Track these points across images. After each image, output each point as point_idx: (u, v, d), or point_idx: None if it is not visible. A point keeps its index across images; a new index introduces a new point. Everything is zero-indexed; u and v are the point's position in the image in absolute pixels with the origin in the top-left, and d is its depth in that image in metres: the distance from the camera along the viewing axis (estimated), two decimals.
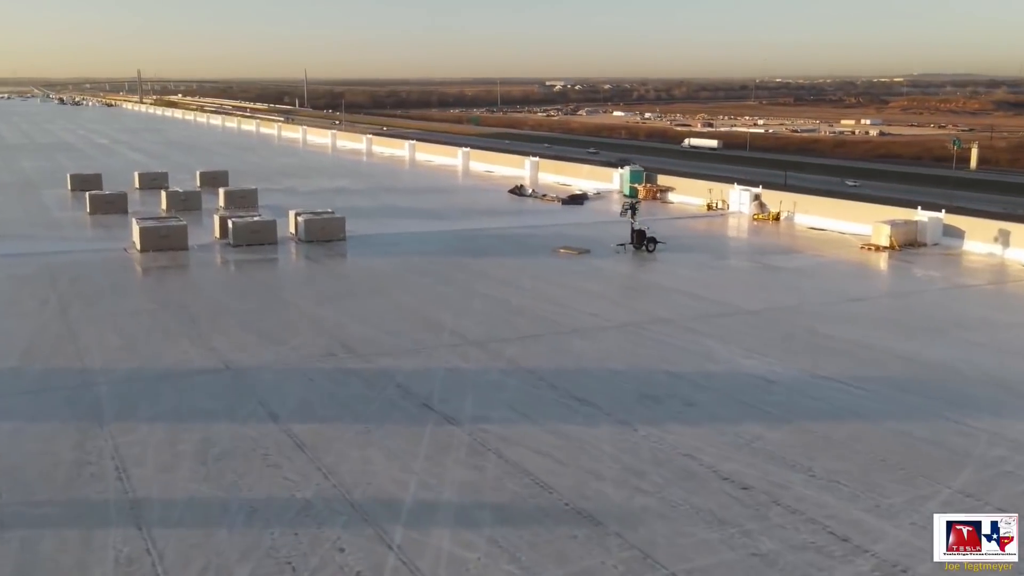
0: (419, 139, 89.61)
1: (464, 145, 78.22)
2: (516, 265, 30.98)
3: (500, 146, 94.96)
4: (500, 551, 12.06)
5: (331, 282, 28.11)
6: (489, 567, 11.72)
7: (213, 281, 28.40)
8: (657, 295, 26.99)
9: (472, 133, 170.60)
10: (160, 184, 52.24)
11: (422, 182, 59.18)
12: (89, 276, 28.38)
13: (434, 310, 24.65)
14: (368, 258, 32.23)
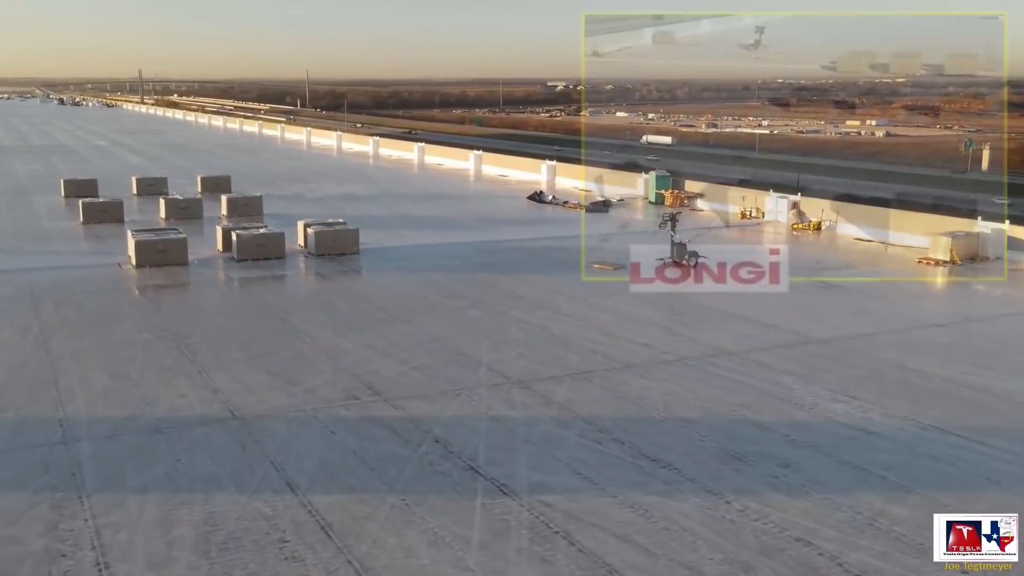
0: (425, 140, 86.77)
1: (466, 146, 75.25)
2: (549, 284, 28.08)
3: (513, 148, 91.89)
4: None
5: (347, 305, 25.19)
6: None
7: (215, 304, 25.47)
8: (711, 320, 24.07)
9: (475, 134, 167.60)
10: (159, 190, 49.41)
11: (434, 187, 56.26)
12: (77, 298, 25.47)
13: (466, 340, 21.75)
14: (385, 275, 29.32)
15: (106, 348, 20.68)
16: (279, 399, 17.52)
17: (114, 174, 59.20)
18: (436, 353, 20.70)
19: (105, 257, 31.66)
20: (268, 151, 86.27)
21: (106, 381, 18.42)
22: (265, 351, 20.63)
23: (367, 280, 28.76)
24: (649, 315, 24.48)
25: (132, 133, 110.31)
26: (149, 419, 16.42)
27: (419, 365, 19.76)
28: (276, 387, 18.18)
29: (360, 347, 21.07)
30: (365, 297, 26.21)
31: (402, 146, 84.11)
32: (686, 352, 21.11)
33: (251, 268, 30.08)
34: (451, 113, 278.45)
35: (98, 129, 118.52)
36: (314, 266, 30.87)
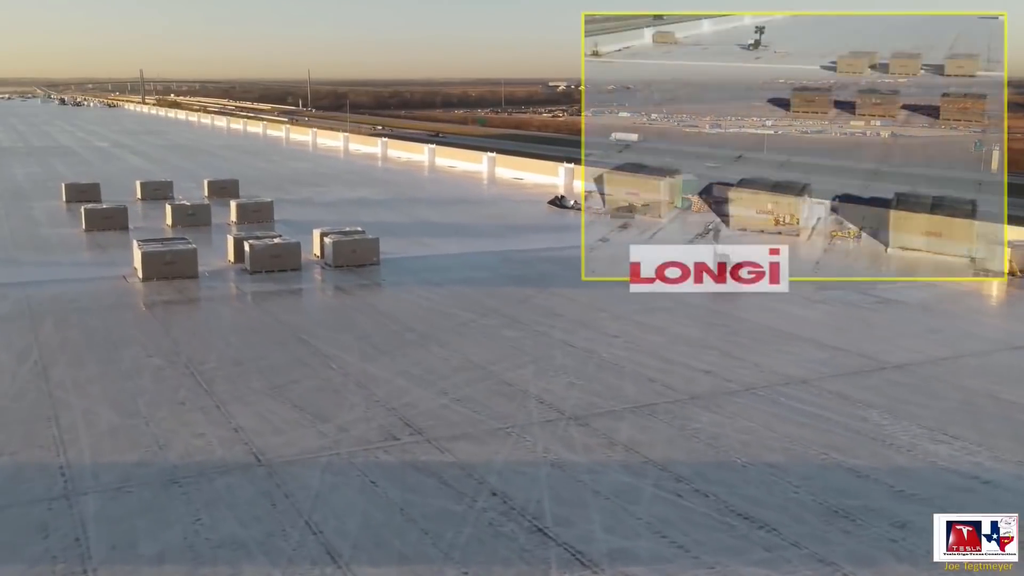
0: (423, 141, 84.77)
1: (472, 147, 73.25)
2: (587, 299, 26.04)
3: (514, 149, 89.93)
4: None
5: (373, 324, 23.15)
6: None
7: (229, 323, 23.42)
8: (772, 342, 22.05)
9: (479, 134, 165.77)
10: (164, 194, 47.46)
11: (449, 191, 54.24)
12: (79, 316, 23.45)
13: (508, 366, 19.73)
14: (410, 289, 27.28)
15: (112, 376, 18.65)
16: (309, 439, 15.50)
17: (117, 177, 57.25)
18: (477, 382, 18.67)
19: (109, 269, 29.65)
20: (274, 152, 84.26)
21: (112, 417, 16.39)
22: (288, 380, 18.60)
23: (391, 295, 26.71)
24: (702, 336, 22.45)
25: (134, 134, 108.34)
26: (163, 465, 14.39)
27: (460, 397, 17.74)
28: (304, 424, 16.16)
29: (392, 374, 19.05)
30: (391, 315, 24.17)
31: (411, 148, 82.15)
32: (752, 380, 19.08)
33: (266, 281, 28.07)
34: (453, 113, 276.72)
35: (99, 130, 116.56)
36: (333, 279, 28.85)
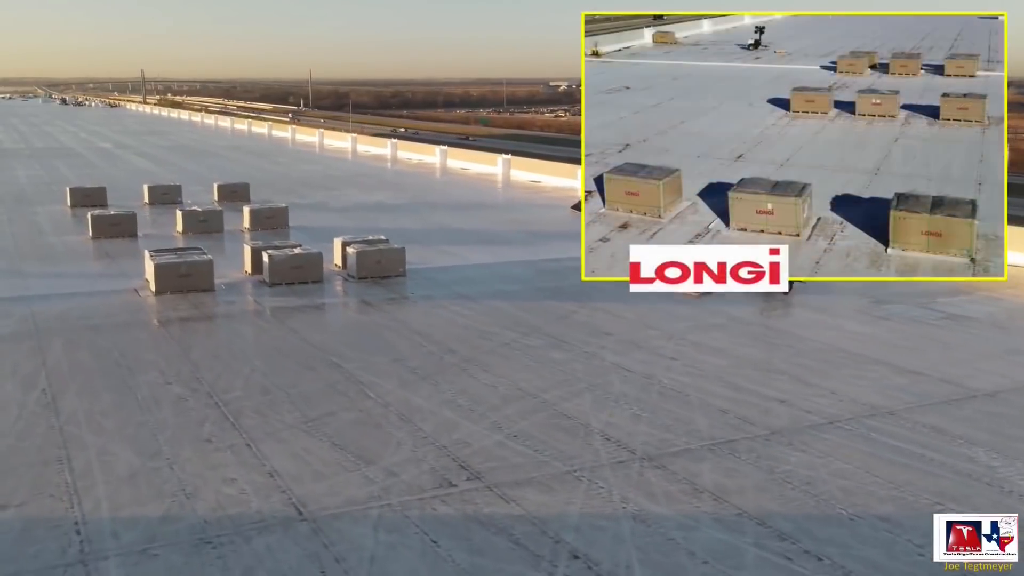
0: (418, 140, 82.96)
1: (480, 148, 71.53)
2: (634, 315, 24.27)
3: (539, 152, 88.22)
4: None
5: (408, 345, 21.36)
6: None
7: (252, 343, 21.62)
8: (843, 364, 20.26)
9: (483, 134, 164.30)
10: (172, 198, 45.75)
11: (466, 195, 52.43)
12: (91, 337, 21.67)
13: (562, 394, 17.95)
14: (442, 304, 25.50)
15: (128, 408, 16.87)
16: (355, 487, 13.71)
17: (122, 180, 55.57)
18: (531, 414, 16.89)
19: (120, 281, 27.89)
20: (281, 154, 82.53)
21: (131, 458, 14.61)
22: (323, 411, 16.82)
23: (422, 311, 24.90)
24: (766, 358, 20.66)
25: (137, 135, 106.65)
26: (192, 520, 12.61)
27: (516, 432, 15.96)
28: (348, 467, 14.37)
29: (437, 405, 17.27)
30: (426, 334, 22.38)
31: (421, 149, 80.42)
32: (834, 411, 17.29)
33: (286, 294, 26.30)
34: (455, 113, 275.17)
35: (102, 130, 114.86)
36: (357, 292, 27.07)
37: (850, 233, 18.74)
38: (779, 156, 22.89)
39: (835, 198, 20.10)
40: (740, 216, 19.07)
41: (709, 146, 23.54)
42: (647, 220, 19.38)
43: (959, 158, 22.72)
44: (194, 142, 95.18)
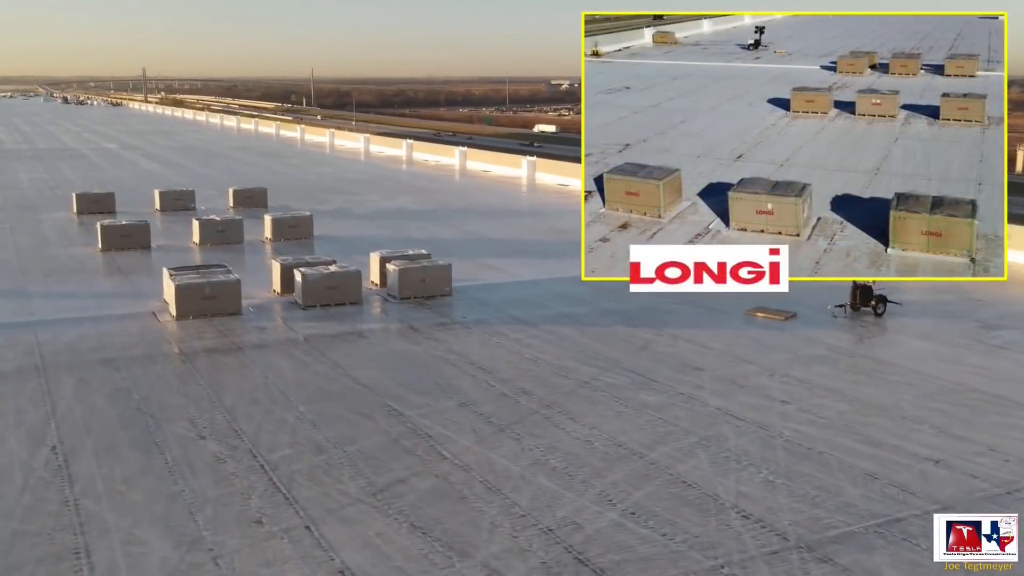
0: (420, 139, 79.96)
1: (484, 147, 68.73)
2: (720, 343, 21.41)
3: (557, 152, 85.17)
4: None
5: (475, 385, 18.44)
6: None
7: (293, 383, 18.68)
8: (986, 411, 17.34)
9: (488, 133, 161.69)
10: (186, 204, 42.91)
11: (495, 200, 49.42)
12: (106, 375, 18.77)
13: (673, 452, 15.04)
14: (500, 331, 22.60)
15: (156, 473, 13.96)
16: None
17: (130, 184, 52.75)
18: (644, 480, 13.98)
19: (135, 303, 25.01)
20: (292, 155, 79.67)
21: (165, 549, 11.70)
22: (393, 477, 13.91)
23: (480, 339, 21.98)
24: (893, 401, 17.71)
25: (142, 135, 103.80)
26: None
27: (633, 507, 13.04)
28: (438, 562, 11.45)
29: (526, 467, 14.36)
30: (492, 370, 19.46)
31: (438, 150, 77.48)
32: (1004, 475, 14.36)
33: (323, 319, 23.41)
34: (458, 112, 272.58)
35: (106, 130, 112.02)
36: (401, 315, 24.15)
37: (850, 233, 18.25)
38: (779, 156, 22.37)
39: (835, 198, 19.52)
40: (740, 216, 18.57)
41: (709, 146, 23.06)
42: (647, 220, 18.98)
43: (959, 158, 22.31)
44: (201, 143, 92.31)
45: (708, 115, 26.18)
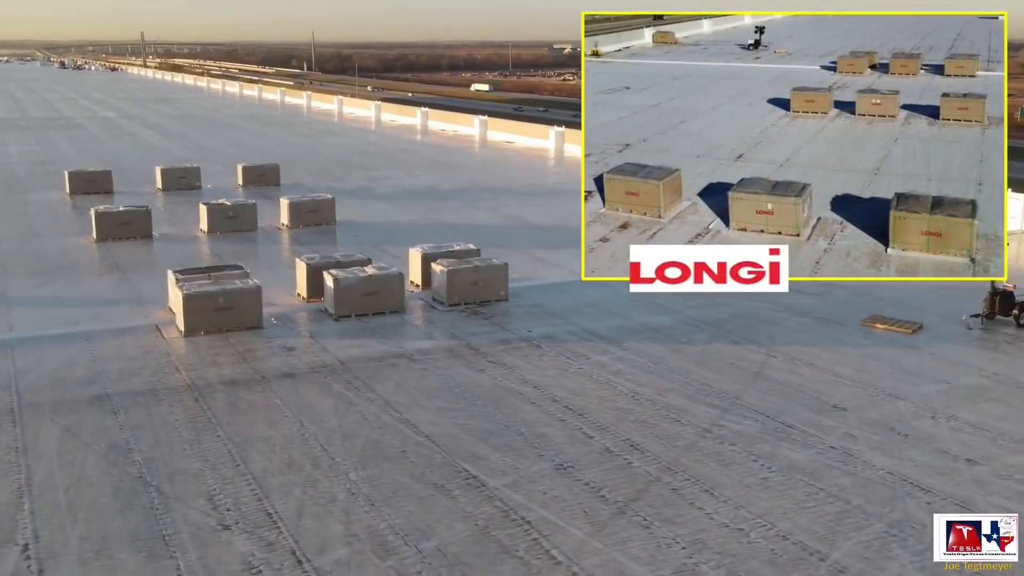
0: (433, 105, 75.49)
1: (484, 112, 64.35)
2: (848, 368, 17.55)
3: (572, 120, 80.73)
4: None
5: (566, 434, 14.54)
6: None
7: (337, 432, 14.76)
8: None
9: (492, 99, 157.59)
10: (191, 183, 38.90)
11: (528, 176, 45.18)
12: (97, 420, 14.89)
13: (861, 549, 11.17)
14: (578, 351, 18.66)
15: None
16: None
17: (129, 158, 48.68)
18: None
19: (134, 311, 21.10)
20: (299, 124, 75.38)
21: None
22: None
23: (556, 363, 18.02)
24: None
25: (142, 102, 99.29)
26: None
27: None
28: None
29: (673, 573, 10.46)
30: (582, 409, 15.54)
31: (453, 119, 72.96)
32: None
33: (360, 333, 19.50)
34: (461, 76, 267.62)
35: (104, 97, 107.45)
36: (452, 327, 20.19)
37: (850, 233, 18.28)
38: (779, 156, 22.36)
39: (835, 198, 19.46)
40: (740, 216, 18.50)
41: (709, 146, 23.09)
42: (647, 220, 18.98)
43: (959, 158, 22.32)
44: (204, 111, 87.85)
45: (708, 115, 26.13)
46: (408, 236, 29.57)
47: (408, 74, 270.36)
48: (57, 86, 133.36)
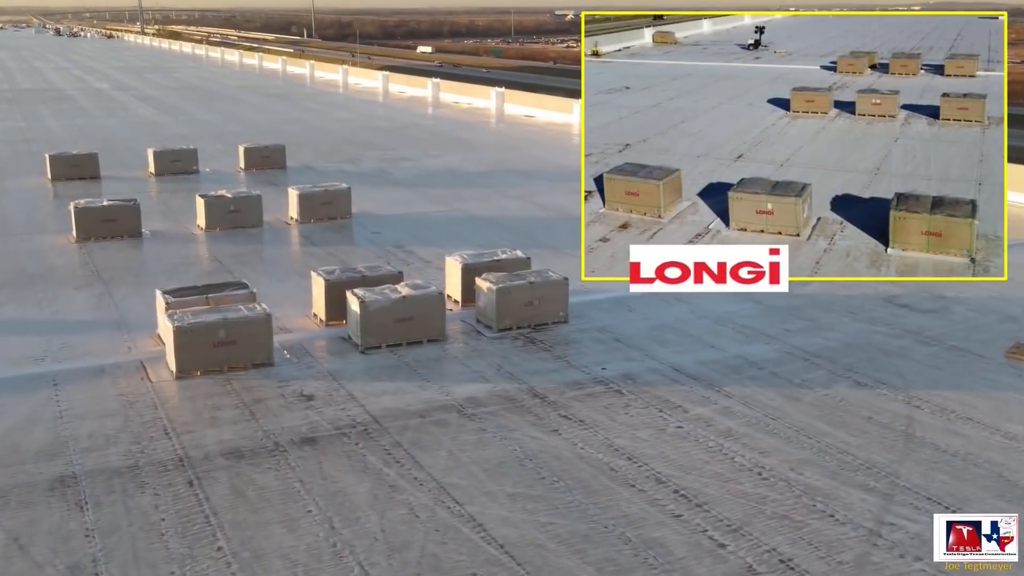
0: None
1: None
2: (1020, 427, 13.71)
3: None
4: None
5: (694, 551, 10.87)
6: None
7: (380, 547, 11.04)
8: None
9: (495, 66, 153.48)
10: (187, 167, 35.03)
11: (557, 156, 41.08)
12: (55, 523, 11.14)
13: None
14: (667, 397, 14.91)
15: None
16: None
17: (120, 136, 44.71)
18: None
19: (115, 340, 17.31)
20: (303, 96, 71.15)
21: None
22: None
23: (648, 419, 14.23)
24: None
25: (137, 71, 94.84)
26: None
27: None
28: None
29: None
30: (700, 498, 11.81)
31: (466, 90, 68.71)
32: None
33: (394, 373, 15.75)
34: (463, 44, 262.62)
35: (98, 66, 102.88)
36: (508, 364, 16.38)
37: (850, 233, 18.23)
38: (779, 156, 22.38)
39: (835, 198, 19.45)
40: (740, 216, 18.48)
41: (709, 146, 23.12)
42: (647, 220, 18.97)
43: (959, 158, 22.28)
44: (203, 81, 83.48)
45: (708, 115, 26.12)
46: (435, 233, 25.87)
47: (410, 41, 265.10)
48: (50, 54, 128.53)
